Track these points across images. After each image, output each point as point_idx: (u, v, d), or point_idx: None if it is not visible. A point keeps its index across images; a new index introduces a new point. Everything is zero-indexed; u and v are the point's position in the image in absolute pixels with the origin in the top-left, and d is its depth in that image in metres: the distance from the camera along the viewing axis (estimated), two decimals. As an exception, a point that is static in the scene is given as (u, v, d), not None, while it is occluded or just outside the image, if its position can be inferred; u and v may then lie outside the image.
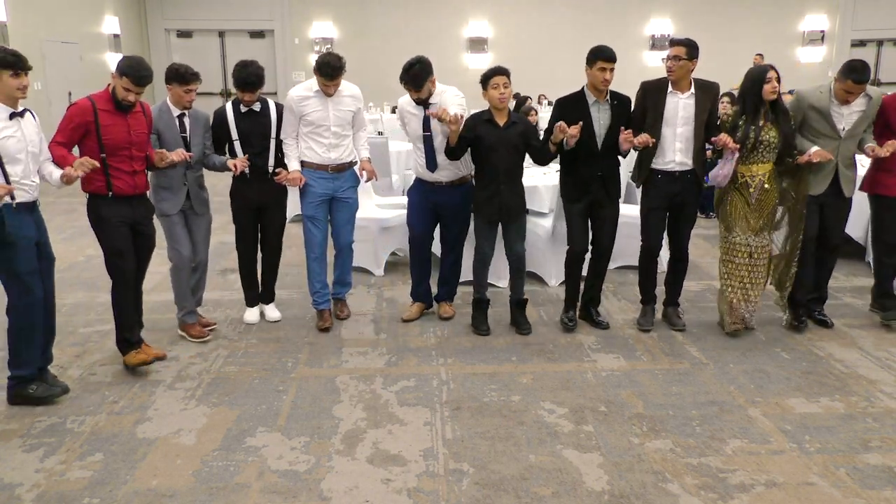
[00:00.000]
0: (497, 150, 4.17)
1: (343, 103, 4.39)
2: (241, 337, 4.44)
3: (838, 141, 4.20)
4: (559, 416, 3.43)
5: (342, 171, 4.47)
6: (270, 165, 4.39)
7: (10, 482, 2.90)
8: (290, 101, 4.36)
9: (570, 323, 4.50)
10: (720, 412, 3.47)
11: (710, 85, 4.25)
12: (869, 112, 4.21)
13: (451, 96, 4.31)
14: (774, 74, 4.03)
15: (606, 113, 4.20)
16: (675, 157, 4.21)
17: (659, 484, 2.89)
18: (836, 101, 4.18)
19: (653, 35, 16.48)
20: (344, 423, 3.37)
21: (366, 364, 4.04)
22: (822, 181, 4.26)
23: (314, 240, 4.53)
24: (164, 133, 4.06)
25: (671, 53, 4.14)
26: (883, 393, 3.67)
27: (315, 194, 4.46)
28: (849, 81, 4.05)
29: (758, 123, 4.07)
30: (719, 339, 4.36)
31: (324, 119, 4.35)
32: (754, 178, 4.15)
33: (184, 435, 3.27)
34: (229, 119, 4.33)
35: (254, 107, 4.32)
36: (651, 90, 4.26)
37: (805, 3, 16.49)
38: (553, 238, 5.28)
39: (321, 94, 4.32)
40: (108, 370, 3.95)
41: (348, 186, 4.53)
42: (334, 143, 4.40)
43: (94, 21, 13.22)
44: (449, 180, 4.40)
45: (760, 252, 4.26)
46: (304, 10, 16.10)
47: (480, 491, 2.84)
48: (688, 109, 4.17)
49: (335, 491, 2.85)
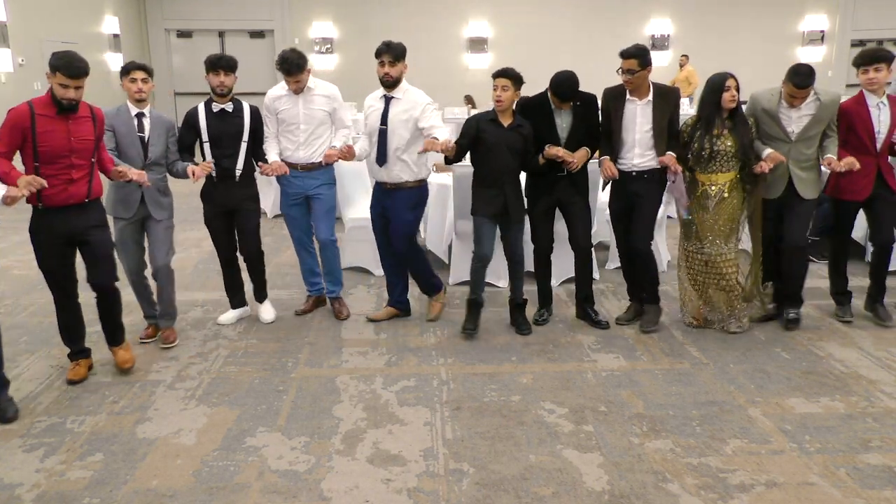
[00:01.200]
0: (499, 149, 4.16)
1: (314, 102, 4.41)
2: (242, 337, 4.44)
3: (789, 144, 4.17)
4: (559, 416, 3.43)
5: (312, 170, 4.48)
6: (239, 169, 4.32)
7: (10, 482, 2.90)
8: (266, 99, 4.46)
9: (541, 319, 4.59)
10: (720, 412, 3.47)
11: (670, 90, 4.25)
12: (820, 115, 4.14)
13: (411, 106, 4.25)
14: (734, 83, 4.03)
15: (569, 115, 4.22)
16: (633, 161, 4.24)
17: (659, 484, 2.89)
18: (785, 104, 4.15)
19: (653, 35, 16.47)
20: (344, 423, 3.37)
21: (366, 364, 4.04)
22: (777, 185, 4.23)
23: (293, 234, 4.72)
24: (119, 130, 3.97)
25: (623, 67, 4.11)
26: (883, 393, 3.67)
27: (288, 194, 4.55)
28: (790, 85, 4.03)
29: (712, 132, 4.06)
30: (719, 339, 4.36)
31: (294, 117, 4.39)
32: (713, 186, 4.15)
33: (184, 435, 3.27)
34: (200, 119, 4.26)
35: (226, 107, 4.26)
36: (610, 96, 4.27)
37: (805, 3, 16.49)
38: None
39: (292, 93, 4.37)
40: (108, 370, 3.95)
41: (320, 184, 4.52)
42: (304, 142, 4.42)
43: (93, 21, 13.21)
44: (400, 181, 4.34)
45: (716, 261, 4.23)
46: (304, 10, 16.08)
47: (480, 491, 2.84)
48: (646, 115, 4.18)
49: (335, 491, 2.85)
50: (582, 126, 4.24)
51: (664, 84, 4.28)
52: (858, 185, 4.32)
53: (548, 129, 4.22)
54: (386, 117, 4.27)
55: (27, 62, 10.09)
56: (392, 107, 4.27)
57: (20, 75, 9.84)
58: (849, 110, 4.27)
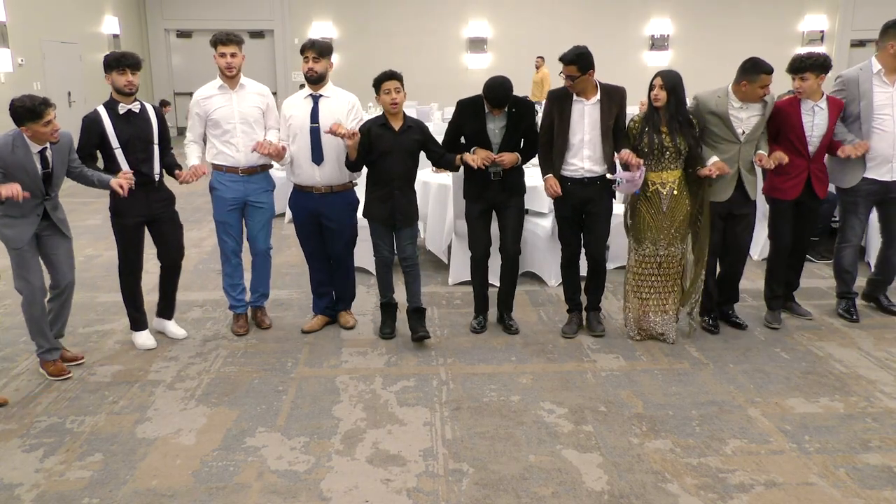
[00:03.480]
0: (392, 154, 4.10)
1: (248, 99, 4.23)
2: (241, 337, 4.44)
3: (739, 145, 4.13)
4: (559, 416, 3.43)
5: (253, 173, 4.28)
6: (156, 173, 4.03)
7: (10, 482, 2.90)
8: (193, 100, 4.23)
9: (479, 328, 4.48)
10: (720, 412, 3.47)
11: (616, 89, 4.16)
12: (767, 114, 4.16)
13: (344, 103, 4.21)
14: (659, 81, 3.97)
15: (503, 119, 4.15)
16: (583, 164, 4.15)
17: (658, 484, 2.89)
18: (738, 105, 4.09)
19: (653, 35, 16.47)
20: (344, 423, 3.37)
21: (365, 364, 4.04)
22: (727, 187, 4.17)
23: (226, 248, 4.39)
24: (14, 173, 3.47)
25: (564, 73, 4.04)
26: (882, 393, 3.68)
27: (224, 200, 4.27)
28: (762, 76, 3.96)
29: (660, 130, 4.02)
30: (719, 340, 4.36)
31: (229, 117, 4.17)
32: (665, 185, 4.09)
33: (183, 435, 3.27)
34: (106, 124, 3.86)
35: (133, 108, 3.93)
36: (555, 98, 4.20)
37: (805, 3, 16.49)
38: (553, 238, 5.28)
39: (226, 90, 4.20)
40: (108, 370, 3.95)
41: (262, 191, 4.34)
42: (243, 144, 4.20)
43: (93, 21, 13.21)
44: (331, 184, 4.23)
45: (670, 262, 4.19)
46: (304, 10, 16.09)
47: (480, 491, 2.84)
48: (593, 115, 4.11)
49: (335, 491, 2.85)
50: (517, 132, 4.17)
51: (611, 84, 4.18)
52: (787, 185, 4.30)
53: (478, 132, 4.15)
54: (317, 115, 4.14)
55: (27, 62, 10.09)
56: (322, 104, 4.16)
57: (20, 75, 9.83)
58: (781, 111, 4.23)
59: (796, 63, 4.16)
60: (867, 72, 4.37)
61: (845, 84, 4.46)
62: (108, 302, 5.06)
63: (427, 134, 4.23)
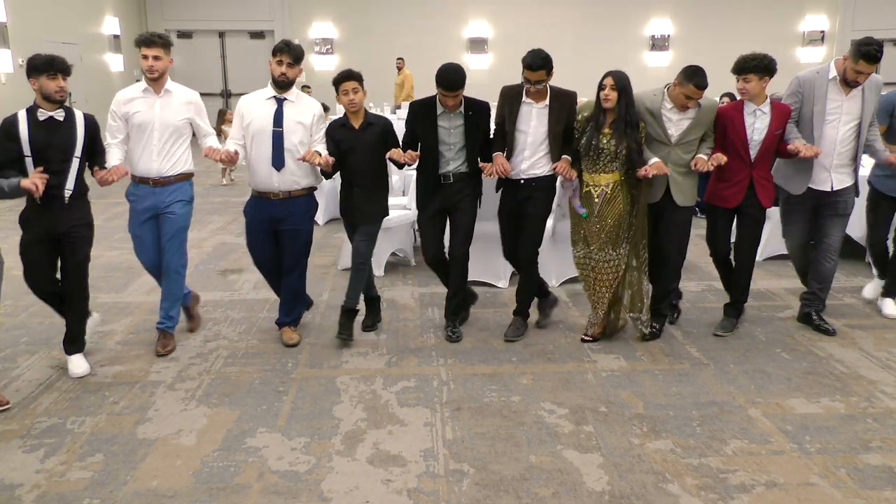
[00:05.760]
0: (354, 153, 4.12)
1: (172, 108, 4.00)
2: (242, 338, 4.44)
3: (669, 147, 4.07)
4: (559, 417, 3.43)
5: (166, 184, 4.03)
6: (68, 189, 3.66)
7: (11, 483, 2.90)
8: (115, 100, 4.00)
9: (453, 335, 4.37)
10: (720, 412, 3.47)
11: (567, 94, 4.11)
12: (700, 119, 4.05)
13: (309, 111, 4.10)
14: (609, 82, 3.88)
15: (458, 118, 4.11)
16: (521, 165, 4.11)
17: (659, 484, 2.89)
18: (670, 105, 4.04)
19: (653, 35, 16.49)
20: (344, 424, 3.37)
21: (366, 364, 4.04)
22: (658, 189, 4.13)
23: (144, 261, 4.22)
24: None
25: (533, 79, 3.95)
26: (883, 393, 3.67)
27: (136, 211, 4.08)
28: (691, 86, 3.90)
29: (602, 131, 3.95)
30: (719, 340, 4.36)
31: (147, 122, 3.95)
32: (598, 187, 4.04)
33: (184, 435, 3.27)
34: (21, 129, 3.57)
35: (55, 115, 3.62)
36: (507, 96, 4.15)
37: (805, 3, 16.50)
38: (553, 238, 5.28)
39: (150, 94, 3.98)
40: (108, 371, 3.95)
41: (174, 201, 4.07)
42: (158, 152, 3.98)
43: (94, 21, 13.23)
44: (289, 189, 4.10)
45: (603, 266, 4.12)
46: (304, 11, 16.10)
47: (480, 491, 2.84)
48: (541, 118, 4.07)
49: (335, 491, 2.85)
50: (476, 133, 4.14)
51: (562, 88, 4.13)
52: (728, 192, 4.19)
53: (428, 131, 4.11)
54: (281, 119, 4.03)
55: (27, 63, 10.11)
56: (287, 109, 4.05)
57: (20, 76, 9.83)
58: (724, 115, 4.15)
59: (740, 64, 4.08)
60: (823, 76, 4.22)
61: (801, 85, 4.30)
62: (109, 303, 5.06)
63: (389, 129, 4.19)
